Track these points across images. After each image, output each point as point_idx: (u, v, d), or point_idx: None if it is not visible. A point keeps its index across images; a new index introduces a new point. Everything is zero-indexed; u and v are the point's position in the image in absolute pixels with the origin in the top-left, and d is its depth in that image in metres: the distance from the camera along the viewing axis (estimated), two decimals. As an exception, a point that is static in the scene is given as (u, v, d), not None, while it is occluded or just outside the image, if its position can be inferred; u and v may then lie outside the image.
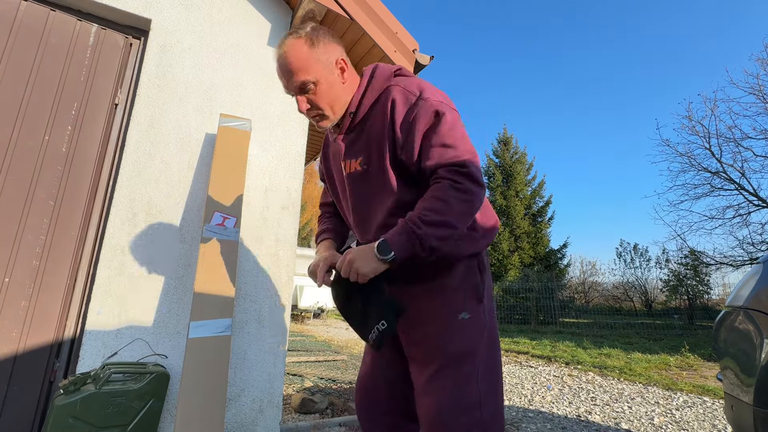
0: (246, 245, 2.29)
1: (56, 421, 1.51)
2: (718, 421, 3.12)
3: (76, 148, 2.01)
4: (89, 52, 2.12)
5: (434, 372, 1.04)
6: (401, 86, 1.10)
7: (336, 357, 5.45)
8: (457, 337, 1.05)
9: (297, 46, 1.07)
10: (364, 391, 1.28)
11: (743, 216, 11.41)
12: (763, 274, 1.51)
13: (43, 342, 1.81)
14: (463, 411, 1.00)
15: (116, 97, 2.15)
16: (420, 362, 1.09)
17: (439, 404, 1.01)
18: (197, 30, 2.38)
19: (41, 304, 1.83)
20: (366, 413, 1.26)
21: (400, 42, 2.64)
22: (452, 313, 1.06)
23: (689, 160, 12.30)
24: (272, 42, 2.61)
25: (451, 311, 1.07)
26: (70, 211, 1.95)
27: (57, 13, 2.08)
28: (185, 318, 2.04)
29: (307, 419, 2.68)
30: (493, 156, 18.38)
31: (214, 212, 2.04)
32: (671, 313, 12.54)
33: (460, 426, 0.99)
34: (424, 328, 1.09)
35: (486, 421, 1.01)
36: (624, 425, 3.04)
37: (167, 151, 2.16)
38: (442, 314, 1.07)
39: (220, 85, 2.38)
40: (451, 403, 1.00)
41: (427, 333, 1.08)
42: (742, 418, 1.42)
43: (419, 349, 1.10)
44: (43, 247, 1.86)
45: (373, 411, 1.25)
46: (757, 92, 10.81)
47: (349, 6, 2.46)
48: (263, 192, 2.42)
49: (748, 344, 1.46)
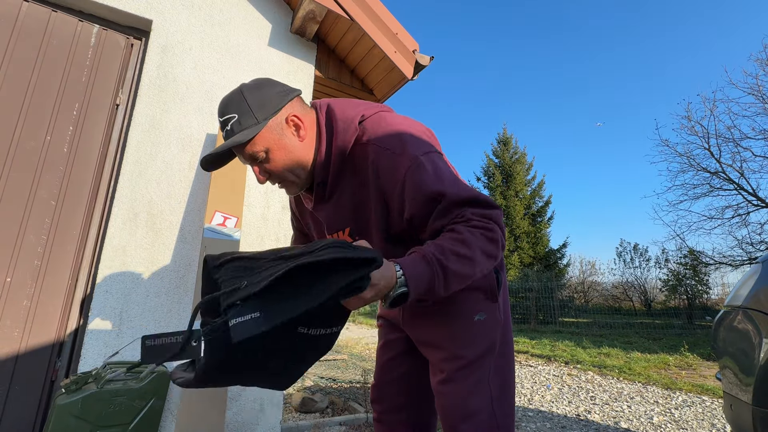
0: (247, 245, 2.30)
1: (58, 421, 1.51)
2: (717, 421, 3.13)
3: (77, 149, 2.01)
4: (90, 53, 2.13)
5: (450, 372, 1.04)
6: (376, 144, 0.97)
7: (336, 356, 5.45)
8: (473, 339, 1.04)
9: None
10: (378, 390, 1.26)
11: (742, 216, 11.44)
12: (762, 274, 1.52)
13: (45, 341, 1.82)
14: (476, 411, 1.00)
15: (117, 98, 2.16)
16: (435, 363, 1.09)
17: (453, 405, 1.02)
18: (198, 31, 2.38)
19: (43, 303, 1.83)
20: (383, 408, 1.24)
21: (400, 43, 2.65)
22: (468, 315, 1.05)
23: (688, 160, 12.34)
24: (273, 43, 2.62)
25: (467, 313, 1.05)
26: (71, 211, 1.96)
27: (58, 14, 2.08)
28: (186, 318, 2.04)
29: (307, 418, 2.69)
30: (493, 156, 18.40)
31: (215, 212, 2.04)
32: (671, 313, 12.56)
33: (474, 425, 0.99)
34: (439, 330, 1.08)
35: (498, 419, 1.02)
36: (623, 424, 3.05)
37: (168, 151, 2.17)
38: (458, 316, 1.06)
39: (221, 86, 2.39)
40: (466, 404, 1.01)
41: (443, 335, 1.07)
42: (741, 417, 1.43)
43: (433, 350, 1.10)
44: (44, 247, 1.87)
45: (391, 406, 1.23)
46: (756, 92, 10.83)
47: (349, 6, 2.46)
48: (264, 192, 2.42)
49: (747, 344, 1.47)
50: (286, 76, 2.62)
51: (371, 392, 1.29)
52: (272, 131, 0.95)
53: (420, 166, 0.92)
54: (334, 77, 2.92)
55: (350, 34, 2.68)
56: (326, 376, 4.17)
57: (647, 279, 16.47)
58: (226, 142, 0.95)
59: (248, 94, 0.96)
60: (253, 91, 0.96)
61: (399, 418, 1.21)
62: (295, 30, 2.64)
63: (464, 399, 1.01)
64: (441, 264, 0.83)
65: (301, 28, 2.62)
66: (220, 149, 0.95)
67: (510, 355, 1.11)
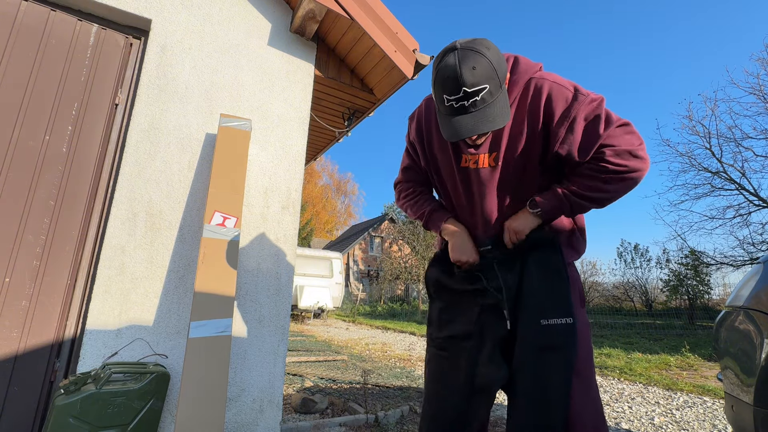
0: (246, 245, 2.29)
1: (57, 421, 1.51)
2: (718, 421, 3.12)
3: (76, 148, 2.01)
4: (89, 52, 2.12)
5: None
6: (550, 80, 1.08)
7: (336, 357, 5.45)
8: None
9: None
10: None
11: (743, 216, 11.41)
12: (764, 274, 1.51)
13: (44, 342, 1.81)
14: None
15: (116, 97, 2.16)
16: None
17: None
18: (197, 30, 2.38)
19: (42, 304, 1.83)
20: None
21: (400, 42, 2.64)
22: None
23: (689, 160, 12.31)
24: (272, 42, 2.61)
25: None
26: (70, 211, 1.95)
27: (57, 13, 2.08)
28: (185, 318, 2.04)
29: (307, 419, 2.68)
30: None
31: (215, 212, 2.04)
32: (672, 314, 12.52)
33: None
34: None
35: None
36: (624, 425, 3.04)
37: (167, 151, 2.16)
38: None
39: (221, 85, 2.38)
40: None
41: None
42: (743, 418, 1.42)
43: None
44: (43, 247, 1.86)
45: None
46: (757, 92, 10.81)
47: (349, 6, 2.46)
48: (263, 192, 2.42)
49: (748, 344, 1.46)
50: (286, 75, 2.61)
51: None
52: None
53: (592, 101, 1.08)
54: (333, 76, 2.92)
55: (350, 33, 2.67)
56: (326, 376, 4.16)
57: (648, 279, 16.42)
58: (493, 122, 0.96)
59: (494, 61, 0.95)
60: (494, 56, 0.96)
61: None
62: (295, 29, 2.64)
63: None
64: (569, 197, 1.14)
65: (301, 28, 2.62)
66: (483, 129, 0.96)
67: (590, 351, 1.21)
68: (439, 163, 1.26)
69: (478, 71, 0.92)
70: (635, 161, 1.06)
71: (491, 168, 1.15)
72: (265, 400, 2.19)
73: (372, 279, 27.29)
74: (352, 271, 26.82)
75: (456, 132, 0.96)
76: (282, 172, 2.50)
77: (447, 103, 0.95)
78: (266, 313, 2.29)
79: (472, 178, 1.18)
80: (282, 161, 2.51)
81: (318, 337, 8.35)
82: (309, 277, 11.99)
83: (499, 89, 0.96)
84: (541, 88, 1.08)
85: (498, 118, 0.96)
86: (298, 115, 2.61)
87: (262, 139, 2.47)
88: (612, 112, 1.08)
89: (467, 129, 0.95)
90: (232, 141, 2.24)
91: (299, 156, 2.58)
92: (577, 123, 1.06)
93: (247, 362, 2.18)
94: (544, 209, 1.14)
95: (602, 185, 1.09)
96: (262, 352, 2.24)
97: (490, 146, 1.13)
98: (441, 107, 0.99)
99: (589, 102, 1.05)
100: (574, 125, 1.06)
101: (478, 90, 0.92)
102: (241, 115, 2.41)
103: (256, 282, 2.29)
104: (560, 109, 1.06)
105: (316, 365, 4.85)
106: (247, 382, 2.16)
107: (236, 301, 2.19)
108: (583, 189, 1.10)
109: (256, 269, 2.30)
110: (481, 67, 0.92)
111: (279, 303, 2.34)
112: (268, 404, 2.20)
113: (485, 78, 0.92)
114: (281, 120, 2.56)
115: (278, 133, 2.53)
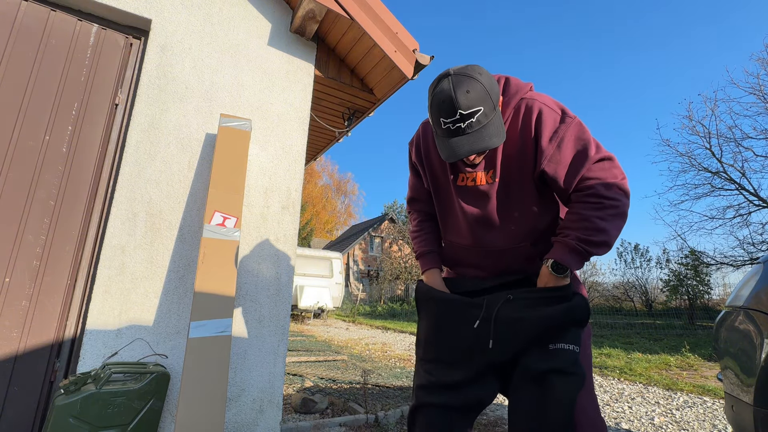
0: (246, 245, 2.29)
1: (57, 421, 1.51)
2: (718, 421, 3.12)
3: (76, 148, 2.01)
4: (89, 52, 2.12)
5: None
6: (540, 101, 1.13)
7: (336, 357, 5.45)
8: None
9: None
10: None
11: (743, 216, 11.42)
12: (764, 274, 1.51)
13: (44, 342, 1.81)
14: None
15: (116, 97, 2.16)
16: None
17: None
18: (197, 30, 2.38)
19: (41, 304, 1.83)
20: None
21: (400, 42, 2.64)
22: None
23: (689, 160, 12.32)
24: (272, 42, 2.61)
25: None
26: (70, 211, 1.95)
27: (57, 13, 2.08)
28: (185, 318, 2.04)
29: (307, 419, 2.68)
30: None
31: (215, 212, 2.04)
32: (672, 314, 12.52)
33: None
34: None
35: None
36: (624, 425, 3.04)
37: (167, 151, 2.16)
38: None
39: (221, 85, 2.38)
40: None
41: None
42: (743, 418, 1.42)
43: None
44: (43, 247, 1.86)
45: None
46: (757, 92, 10.82)
47: (349, 6, 2.46)
48: (263, 192, 2.42)
49: (748, 344, 1.46)
50: (286, 75, 2.61)
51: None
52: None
53: (578, 125, 1.13)
54: (333, 77, 2.92)
55: (350, 33, 2.67)
56: (326, 376, 4.16)
57: (648, 279, 16.41)
58: (488, 141, 1.01)
59: (487, 85, 1.00)
60: (486, 80, 1.01)
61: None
62: (295, 29, 2.64)
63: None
64: (583, 247, 1.09)
65: (301, 28, 2.62)
66: (479, 148, 1.00)
67: (590, 359, 1.25)
68: (438, 183, 1.31)
69: (471, 95, 0.98)
70: (622, 195, 1.09)
71: (489, 184, 1.19)
72: (265, 400, 2.19)
73: (372, 279, 27.29)
74: (352, 271, 26.82)
75: (453, 152, 1.02)
76: (282, 172, 2.50)
77: (444, 125, 1.01)
78: (266, 313, 2.29)
79: (470, 196, 1.22)
80: (282, 161, 2.52)
81: (318, 337, 8.35)
82: (309, 277, 12.00)
83: (493, 111, 1.02)
84: (531, 108, 1.12)
85: (494, 138, 1.02)
86: (298, 115, 2.61)
87: (262, 139, 2.47)
88: (597, 140, 1.13)
89: (464, 149, 1.00)
90: (232, 141, 2.24)
91: (299, 156, 2.58)
92: (565, 143, 1.10)
93: (247, 362, 2.18)
94: (572, 268, 1.12)
95: (599, 223, 1.06)
96: (262, 352, 2.24)
97: (486, 164, 1.18)
98: (438, 130, 1.04)
99: (576, 125, 1.11)
100: (562, 145, 1.10)
101: (473, 112, 0.98)
102: (241, 115, 2.41)
103: (256, 282, 2.29)
104: (549, 129, 1.10)
105: (316, 365, 4.85)
106: (247, 382, 2.16)
107: (236, 301, 2.19)
108: (587, 234, 1.07)
109: (256, 269, 2.30)
110: (475, 91, 0.98)
111: (279, 303, 2.34)
112: (268, 404, 2.20)
113: (479, 101, 0.98)
114: (281, 120, 2.56)
115: (278, 133, 2.53)
